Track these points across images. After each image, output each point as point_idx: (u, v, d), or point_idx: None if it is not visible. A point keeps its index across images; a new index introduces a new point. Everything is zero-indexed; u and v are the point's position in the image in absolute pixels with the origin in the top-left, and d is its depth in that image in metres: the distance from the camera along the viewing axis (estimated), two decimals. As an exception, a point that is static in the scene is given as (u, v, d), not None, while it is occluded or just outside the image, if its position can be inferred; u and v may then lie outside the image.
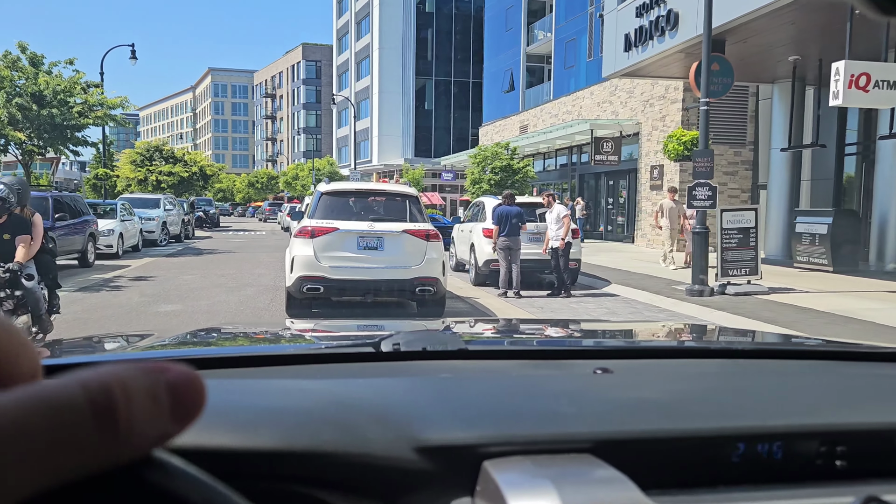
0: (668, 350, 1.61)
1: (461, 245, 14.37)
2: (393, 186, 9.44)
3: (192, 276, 13.39)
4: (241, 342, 1.80)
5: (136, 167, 33.94)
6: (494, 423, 0.78)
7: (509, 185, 21.09)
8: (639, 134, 22.55)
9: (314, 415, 0.71)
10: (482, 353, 1.36)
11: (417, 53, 59.65)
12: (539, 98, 33.12)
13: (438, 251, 8.25)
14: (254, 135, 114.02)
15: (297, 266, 7.83)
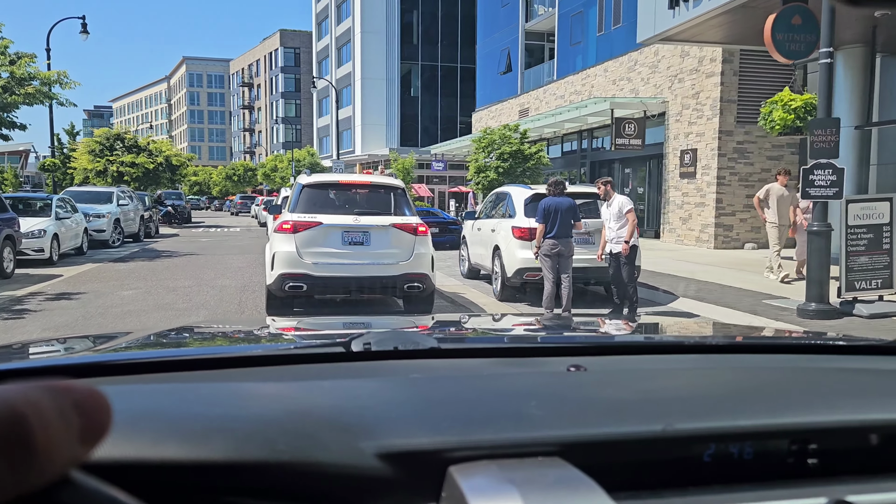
0: (643, 346, 1.57)
1: (477, 247, 11.44)
2: (378, 178, 8.95)
3: (134, 292, 10.35)
4: (210, 343, 1.73)
5: (95, 157, 30.56)
6: (461, 427, 0.77)
7: (520, 174, 18.18)
8: (665, 114, 19.72)
9: (269, 422, 0.69)
10: (454, 351, 1.34)
11: (402, 37, 56.48)
12: (540, 79, 30.18)
13: (427, 246, 7.95)
14: (231, 126, 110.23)
15: (279, 263, 7.50)
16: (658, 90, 19.99)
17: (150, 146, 32.22)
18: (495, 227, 10.33)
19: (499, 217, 10.49)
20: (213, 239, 23.23)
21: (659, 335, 1.91)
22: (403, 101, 57.18)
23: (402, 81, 57.14)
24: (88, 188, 21.44)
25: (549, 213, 8.23)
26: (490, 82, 35.10)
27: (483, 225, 11.19)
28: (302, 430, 0.69)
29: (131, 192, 22.24)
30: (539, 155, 17.94)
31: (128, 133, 31.96)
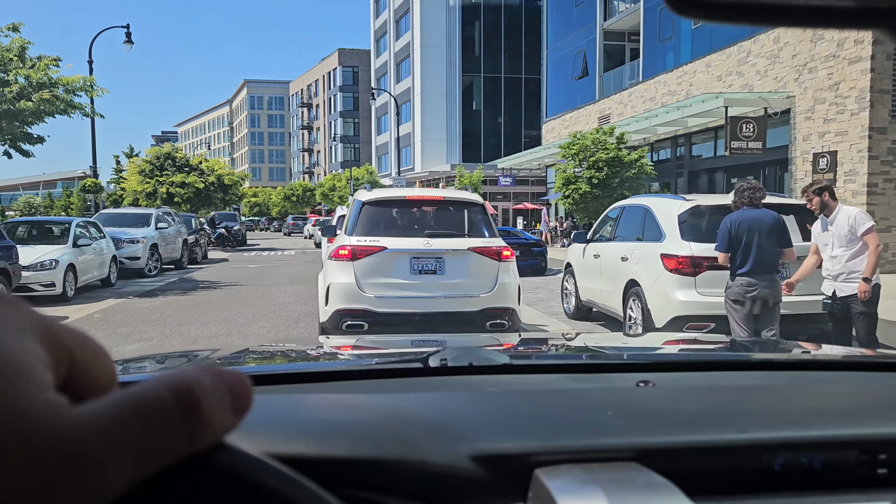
0: (709, 363, 1.56)
1: (592, 279, 8.56)
2: (453, 192, 7.58)
3: (140, 346, 7.81)
4: (295, 360, 1.85)
5: (145, 178, 28.87)
6: (543, 434, 0.81)
7: (617, 184, 15.19)
8: (790, 112, 16.46)
9: (376, 427, 0.75)
10: (526, 367, 1.40)
11: (463, 49, 54.07)
12: (621, 82, 27.13)
13: (512, 274, 6.73)
14: (290, 146, 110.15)
15: (335, 296, 6.41)
16: (780, 83, 16.75)
17: (202, 165, 30.40)
18: (628, 254, 7.41)
19: (632, 240, 7.57)
20: (263, 265, 20.88)
21: (723, 352, 1.89)
22: (465, 115, 54.69)
23: (464, 95, 54.69)
24: (124, 210, 19.36)
25: (741, 237, 5.33)
26: (562, 89, 32.18)
27: (603, 250, 8.28)
28: (404, 434, 0.75)
29: (174, 213, 20.10)
30: (641, 162, 14.94)
31: (179, 152, 30.22)
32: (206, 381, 0.34)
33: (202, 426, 0.33)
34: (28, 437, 0.29)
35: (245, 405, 0.36)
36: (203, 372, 0.35)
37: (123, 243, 15.83)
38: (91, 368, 0.34)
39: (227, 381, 0.35)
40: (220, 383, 0.34)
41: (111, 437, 0.31)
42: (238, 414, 0.35)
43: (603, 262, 8.21)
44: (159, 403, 0.32)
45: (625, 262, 7.43)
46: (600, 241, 8.68)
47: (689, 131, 20.78)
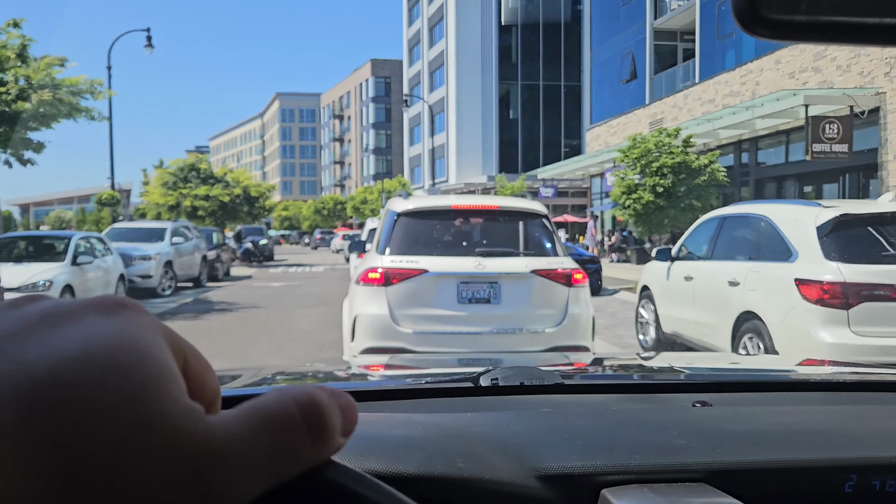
0: (766, 383, 1.52)
1: (681, 307, 6.84)
2: (509, 200, 6.22)
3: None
4: (338, 380, 1.83)
5: (168, 190, 27.75)
6: (609, 454, 0.80)
7: (683, 193, 13.37)
8: (879, 110, 14.49)
9: (444, 444, 0.76)
10: (579, 387, 1.37)
11: (500, 56, 52.49)
12: (674, 84, 25.26)
13: (585, 303, 5.41)
14: (321, 159, 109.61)
15: (363, 332, 5.21)
16: (866, 79, 14.79)
17: (227, 176, 29.20)
18: (739, 278, 5.64)
19: (742, 259, 5.80)
20: (288, 282, 19.39)
21: (780, 373, 1.86)
22: (502, 124, 53.03)
23: (500, 103, 53.06)
24: (138, 224, 18.04)
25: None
26: (608, 93, 30.37)
27: (698, 271, 6.52)
28: (472, 452, 0.75)
29: (193, 227, 18.74)
30: (713, 168, 13.13)
31: (203, 163, 29.07)
32: (327, 398, 0.35)
33: (326, 440, 0.34)
34: (172, 440, 0.30)
35: (352, 426, 0.37)
36: (322, 391, 0.35)
37: (134, 260, 14.45)
38: (202, 376, 0.35)
39: (340, 401, 0.36)
40: (334, 403, 0.35)
41: (245, 446, 0.32)
42: (347, 434, 0.36)
43: (698, 287, 6.44)
44: (288, 416, 0.33)
45: (735, 288, 5.66)
46: (691, 260, 6.92)
47: (756, 135, 18.84)
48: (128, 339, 0.31)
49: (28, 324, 0.31)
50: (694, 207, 13.40)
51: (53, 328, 0.31)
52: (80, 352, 0.29)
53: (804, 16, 0.39)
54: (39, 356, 0.29)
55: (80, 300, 0.33)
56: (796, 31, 0.40)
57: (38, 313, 0.32)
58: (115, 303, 0.33)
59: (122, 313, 0.32)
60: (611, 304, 13.15)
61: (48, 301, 0.33)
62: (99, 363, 0.29)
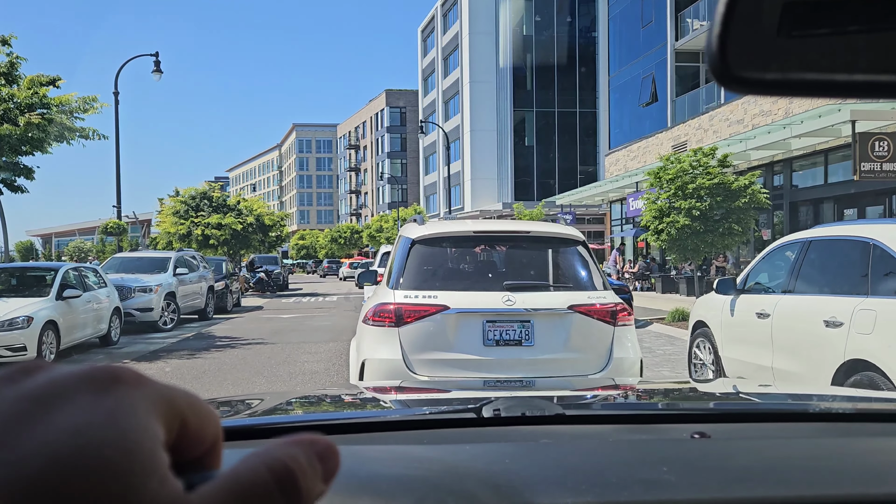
0: (766, 413, 1.50)
1: (752, 349, 5.80)
2: (541, 226, 5.22)
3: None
4: (340, 408, 1.82)
5: (180, 219, 27.02)
6: (600, 490, 0.80)
7: (721, 217, 12.31)
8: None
9: (437, 482, 0.76)
10: (579, 417, 1.35)
11: (514, 84, 51.93)
12: (697, 106, 24.33)
13: (631, 344, 4.64)
14: (338, 189, 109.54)
15: (372, 379, 4.47)
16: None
17: (241, 205, 28.46)
18: (842, 317, 4.56)
19: (843, 293, 4.73)
20: (299, 314, 18.42)
21: (782, 402, 1.83)
22: (517, 151, 52.32)
23: (515, 131, 52.40)
24: (141, 253, 17.17)
25: None
26: (627, 118, 29.48)
27: (778, 307, 5.44)
28: (464, 490, 0.75)
29: (200, 257, 17.87)
30: (754, 188, 12.08)
31: (215, 191, 28.37)
32: (300, 455, 0.35)
33: (301, 501, 0.34)
34: None
35: (334, 471, 0.37)
36: (296, 445, 0.36)
37: (134, 292, 13.58)
38: (201, 429, 0.36)
39: (317, 449, 0.36)
40: (311, 453, 0.36)
41: None
42: (327, 481, 0.37)
43: (778, 326, 5.37)
44: (263, 486, 0.33)
45: (835, 330, 4.59)
46: (764, 293, 5.86)
47: (791, 155, 17.79)
48: (118, 432, 0.31)
49: (21, 410, 0.31)
50: (734, 232, 12.32)
51: (46, 413, 0.31)
52: (70, 448, 0.30)
53: (774, 74, 0.41)
54: (32, 454, 0.30)
55: (74, 373, 0.33)
56: (768, 87, 0.42)
57: (31, 395, 0.32)
58: (109, 377, 0.33)
59: (116, 391, 0.33)
60: (645, 337, 12.04)
61: (41, 376, 0.33)
62: (89, 464, 0.30)
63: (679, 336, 11.87)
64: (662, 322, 13.58)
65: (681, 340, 11.42)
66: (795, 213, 18.63)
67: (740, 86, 0.42)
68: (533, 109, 52.51)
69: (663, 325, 13.33)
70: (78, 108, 12.01)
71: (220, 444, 0.38)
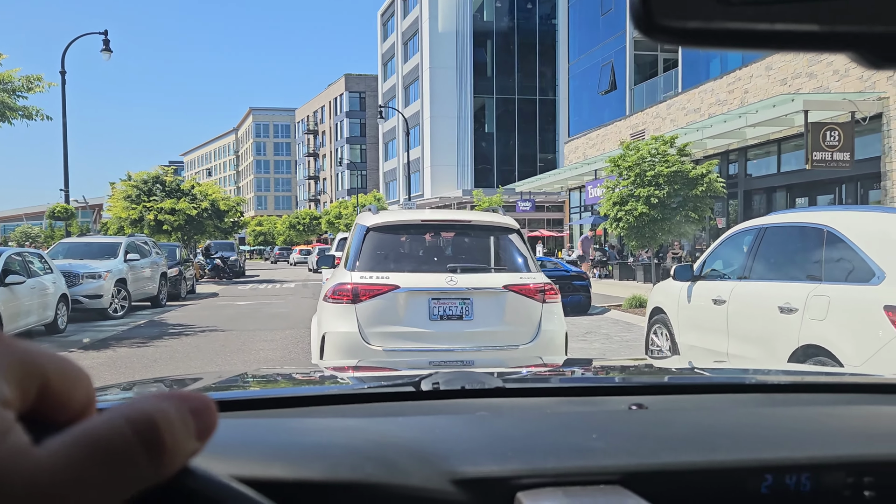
0: (703, 386, 1.56)
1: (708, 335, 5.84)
2: (481, 215, 5.97)
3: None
4: (287, 384, 1.83)
5: (131, 204, 26.33)
6: (527, 457, 0.81)
7: (678, 205, 12.46)
8: (882, 117, 13.74)
9: (356, 450, 0.76)
10: (519, 390, 1.36)
11: (475, 70, 51.81)
12: (655, 94, 24.54)
13: (558, 319, 5.34)
14: (296, 174, 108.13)
15: (332, 351, 5.07)
16: (867, 83, 14.04)
17: (195, 189, 27.85)
18: (797, 303, 4.58)
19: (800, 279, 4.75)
20: (255, 300, 18.12)
21: (717, 376, 1.87)
22: (477, 138, 52.29)
23: (476, 117, 52.34)
24: (89, 239, 16.64)
25: None
26: (587, 105, 29.61)
27: (734, 293, 5.47)
28: (385, 458, 0.74)
29: (152, 243, 17.42)
30: (711, 177, 12.22)
31: (168, 175, 27.70)
32: (169, 408, 0.34)
33: (166, 456, 0.33)
34: None
35: (209, 429, 0.35)
36: (165, 399, 0.34)
37: (82, 278, 13.16)
38: (67, 392, 0.34)
39: (191, 405, 0.35)
40: (182, 408, 0.34)
41: (74, 480, 0.30)
42: (202, 438, 0.35)
43: (734, 312, 5.40)
44: (121, 438, 0.31)
45: (790, 316, 4.63)
46: (721, 280, 5.89)
47: (746, 144, 18.07)
48: None
49: None
50: (690, 219, 12.46)
51: None
52: None
53: (697, 23, 0.41)
54: None
55: None
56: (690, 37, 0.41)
57: None
58: None
59: None
60: (603, 324, 12.13)
61: None
62: None
63: (636, 322, 11.97)
64: (620, 309, 13.70)
65: (638, 327, 11.52)
66: (750, 201, 18.97)
67: (662, 35, 0.42)
68: (493, 96, 52.48)
69: (620, 311, 13.45)
70: (21, 87, 11.51)
71: (94, 409, 0.36)
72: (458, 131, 52.22)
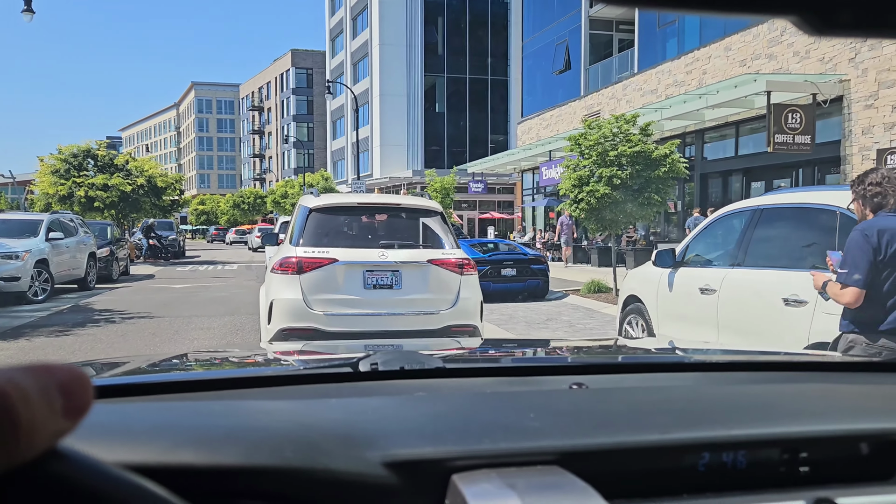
0: (642, 364, 1.55)
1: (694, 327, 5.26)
2: (410, 199, 7.08)
3: None
4: (220, 366, 1.76)
5: (60, 179, 24.71)
6: (462, 438, 0.79)
7: (640, 187, 11.96)
8: (843, 100, 13.51)
9: (277, 432, 0.72)
10: (459, 370, 1.33)
11: (426, 48, 50.77)
12: (610, 75, 24.13)
13: (474, 288, 6.24)
14: (240, 152, 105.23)
15: (279, 314, 5.87)
16: (828, 66, 13.79)
17: (129, 165, 26.33)
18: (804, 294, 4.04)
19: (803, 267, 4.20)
20: (193, 283, 17.06)
21: (657, 355, 1.87)
22: (427, 118, 51.37)
23: (426, 97, 51.37)
24: (7, 216, 15.31)
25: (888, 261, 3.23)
26: (540, 85, 29.08)
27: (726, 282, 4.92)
28: (308, 440, 0.71)
29: (80, 221, 16.17)
30: (673, 158, 11.81)
31: (101, 149, 26.11)
32: (27, 382, 0.30)
33: (21, 435, 0.29)
34: None
35: (82, 405, 0.31)
36: (24, 371, 0.31)
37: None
38: None
39: (59, 379, 0.31)
40: (47, 383, 0.30)
41: None
42: (73, 416, 0.31)
43: (726, 303, 4.85)
44: None
45: (797, 309, 4.08)
46: (709, 267, 5.34)
47: (703, 126, 17.76)
48: None
49: None
50: (653, 202, 12.01)
51: None
52: None
53: None
54: None
55: None
56: None
57: None
58: None
59: None
60: (563, 310, 11.61)
61: None
62: None
63: (597, 309, 11.48)
64: (578, 294, 13.22)
65: (600, 314, 11.03)
66: (706, 184, 18.74)
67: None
68: (444, 75, 51.56)
69: (579, 297, 12.96)
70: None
71: None
72: (408, 110, 51.21)
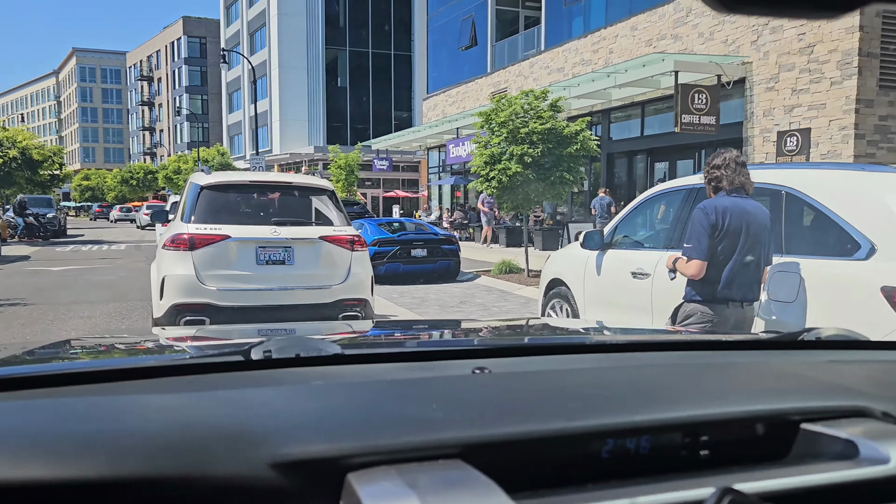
0: (545, 347, 1.52)
1: (625, 313, 4.97)
2: (301, 178, 7.15)
3: None
4: (96, 356, 1.58)
5: (-82, 151, 22.25)
6: (360, 433, 0.75)
7: (552, 163, 11.76)
8: (745, 81, 13.77)
9: (149, 436, 0.66)
10: (358, 357, 1.27)
11: (327, 19, 49.22)
12: (516, 52, 23.94)
13: (365, 264, 6.41)
14: (128, 125, 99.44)
15: (171, 290, 5.79)
16: (731, 47, 14.02)
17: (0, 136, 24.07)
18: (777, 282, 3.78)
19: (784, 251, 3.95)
20: (74, 265, 15.68)
21: (561, 336, 1.86)
22: (329, 92, 49.97)
23: (328, 70, 49.93)
24: None
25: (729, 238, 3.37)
26: (446, 61, 28.59)
27: (658, 266, 4.66)
28: (187, 443, 0.66)
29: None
30: (584, 135, 11.64)
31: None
32: None
33: None
34: None
35: None
36: None
37: None
38: None
39: None
40: None
41: None
42: None
43: (662, 287, 4.58)
44: None
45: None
46: (641, 249, 5.07)
47: (610, 106, 17.84)
48: None
49: None
50: (565, 181, 11.84)
51: None
52: None
53: None
54: None
55: None
56: None
57: None
58: None
59: None
60: (476, 291, 11.30)
61: None
62: None
63: (510, 291, 11.24)
64: (489, 275, 12.96)
65: (513, 295, 10.79)
66: (612, 164, 18.89)
67: None
68: (346, 48, 50.24)
69: (490, 277, 12.71)
70: None
71: None
72: (309, 84, 49.63)
